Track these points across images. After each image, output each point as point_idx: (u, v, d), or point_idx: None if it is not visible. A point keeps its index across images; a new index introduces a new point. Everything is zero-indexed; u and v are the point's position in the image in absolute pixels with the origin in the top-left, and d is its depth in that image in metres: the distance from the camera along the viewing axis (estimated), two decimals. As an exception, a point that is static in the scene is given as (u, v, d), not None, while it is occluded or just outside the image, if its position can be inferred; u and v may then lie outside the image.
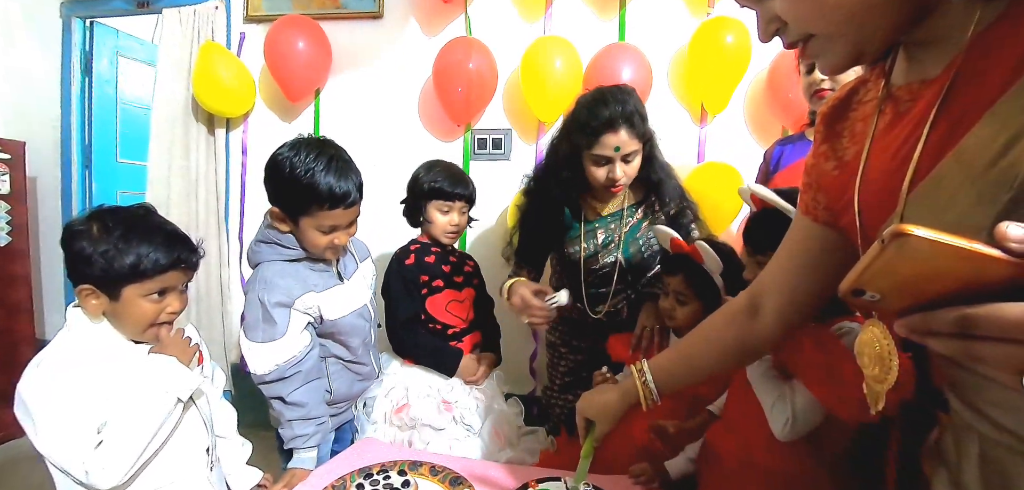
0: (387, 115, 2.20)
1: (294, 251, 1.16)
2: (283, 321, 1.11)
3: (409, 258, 1.40)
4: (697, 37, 1.88)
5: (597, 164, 1.26)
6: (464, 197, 1.41)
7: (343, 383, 1.27)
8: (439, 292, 1.40)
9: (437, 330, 1.40)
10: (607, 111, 1.22)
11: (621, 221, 1.39)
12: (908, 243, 0.32)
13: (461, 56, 1.92)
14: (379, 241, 2.10)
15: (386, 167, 2.14)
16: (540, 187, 1.41)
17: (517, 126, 2.11)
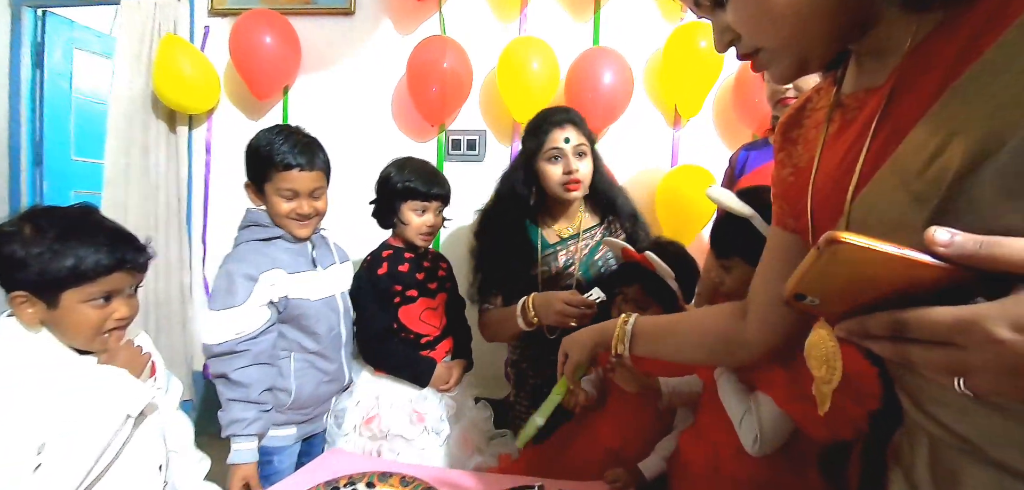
0: (359, 115, 2.14)
1: (270, 229, 1.20)
2: (244, 291, 1.13)
3: (381, 267, 1.34)
4: (672, 41, 1.89)
5: (551, 161, 1.31)
6: (440, 197, 1.37)
7: (308, 383, 1.22)
8: (413, 302, 1.36)
9: (410, 340, 1.36)
10: (553, 115, 1.33)
11: (579, 242, 1.41)
12: (841, 250, 0.34)
13: (435, 55, 1.89)
14: (351, 244, 2.05)
15: (358, 168, 2.08)
16: (498, 212, 1.41)
17: (492, 127, 2.09)
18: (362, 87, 2.14)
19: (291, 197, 1.19)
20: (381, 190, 1.38)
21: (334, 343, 1.26)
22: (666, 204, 1.90)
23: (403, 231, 1.37)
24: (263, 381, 1.14)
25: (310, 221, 1.23)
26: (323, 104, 2.16)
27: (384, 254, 1.37)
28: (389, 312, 1.33)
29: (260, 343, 1.14)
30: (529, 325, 1.29)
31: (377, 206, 1.40)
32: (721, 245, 0.94)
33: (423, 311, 1.37)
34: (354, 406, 1.29)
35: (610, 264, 1.42)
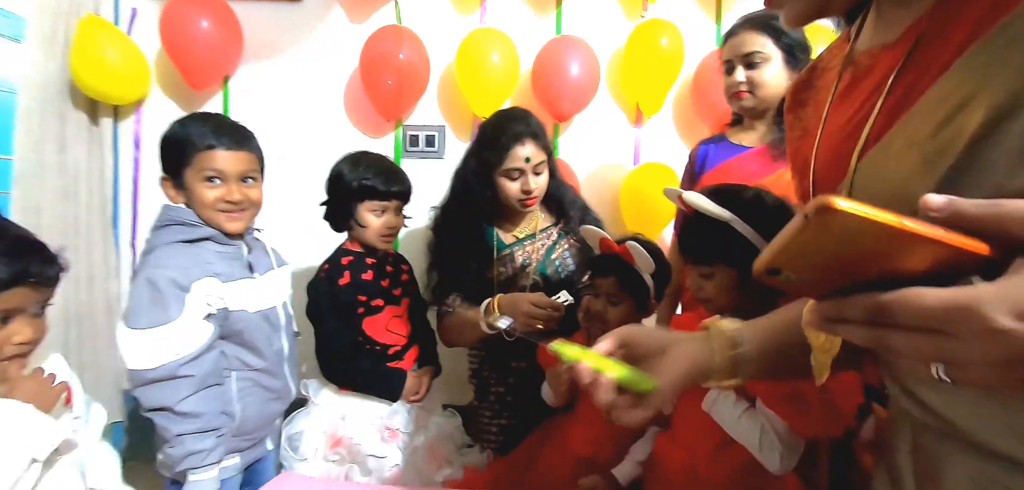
0: (308, 109, 2.01)
1: (195, 229, 1.04)
2: (177, 303, 0.96)
3: (343, 277, 1.24)
4: (633, 39, 1.88)
5: (510, 178, 1.29)
6: (400, 195, 1.28)
7: (254, 404, 1.09)
8: (379, 312, 1.27)
9: (376, 352, 1.27)
10: (513, 127, 1.28)
11: (535, 243, 1.38)
12: (834, 219, 0.29)
13: (390, 46, 1.79)
14: (301, 250, 1.92)
15: (307, 166, 1.95)
16: (454, 211, 1.37)
17: (451, 122, 2.01)
18: (312, 79, 2.00)
19: (218, 182, 1.04)
20: (334, 189, 1.28)
21: (277, 358, 1.13)
22: (630, 202, 1.89)
23: (360, 234, 1.27)
24: (215, 405, 1.00)
25: (242, 213, 1.08)
26: (268, 96, 2.01)
27: (344, 262, 1.26)
28: (353, 325, 1.23)
29: (204, 364, 0.99)
30: (493, 328, 1.24)
31: (330, 207, 1.30)
32: (700, 251, 0.91)
33: (389, 320, 1.28)
34: (316, 428, 1.19)
35: (567, 263, 1.40)
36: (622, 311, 1.13)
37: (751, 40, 1.24)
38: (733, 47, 1.27)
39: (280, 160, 1.97)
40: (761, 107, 1.28)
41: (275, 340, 1.12)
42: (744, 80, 1.26)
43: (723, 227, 0.86)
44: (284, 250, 1.97)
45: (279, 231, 1.94)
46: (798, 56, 1.26)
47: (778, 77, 1.25)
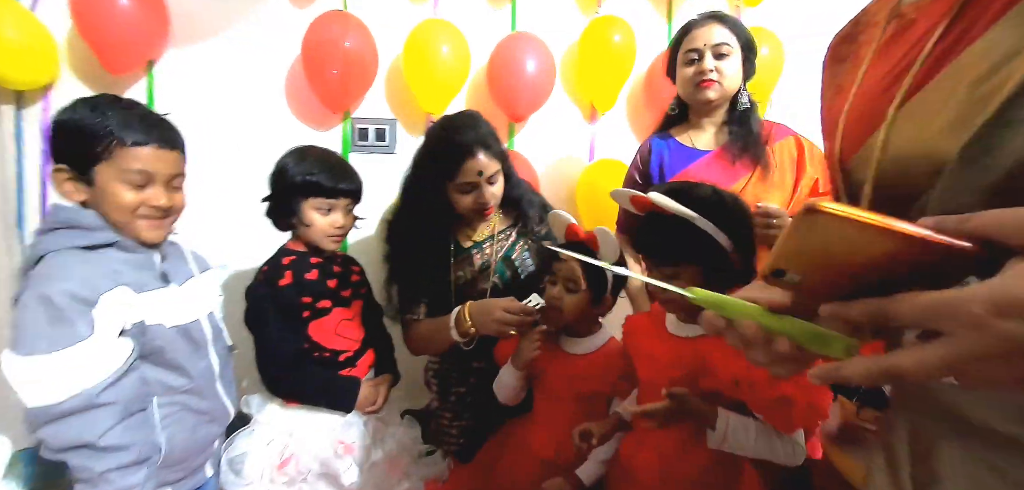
0: (247, 98, 1.86)
1: (96, 233, 0.88)
2: (83, 321, 0.81)
3: (284, 277, 1.14)
4: (587, 35, 1.87)
5: (463, 192, 1.23)
6: (349, 193, 1.20)
7: (181, 431, 0.95)
8: (326, 314, 1.18)
9: (326, 359, 1.18)
10: (461, 137, 1.20)
11: (494, 244, 1.35)
12: (821, 220, 0.31)
13: (335, 33, 1.69)
14: (241, 252, 1.79)
15: (248, 160, 1.82)
16: (407, 219, 1.31)
17: (402, 116, 1.93)
18: (249, 66, 1.85)
19: (142, 184, 0.90)
20: (277, 185, 1.18)
21: (207, 376, 1.01)
22: (586, 198, 1.89)
23: (305, 234, 1.19)
24: (144, 437, 0.88)
25: (166, 220, 0.96)
26: (200, 83, 1.84)
27: (285, 261, 1.17)
28: (298, 330, 1.15)
29: (126, 387, 0.85)
30: (465, 337, 1.20)
31: (271, 204, 1.20)
32: (664, 251, 0.90)
33: (339, 323, 1.20)
34: (261, 448, 1.10)
35: (527, 263, 1.37)
36: (578, 300, 1.11)
37: (719, 32, 1.26)
38: (701, 37, 1.26)
39: (217, 155, 1.82)
40: (721, 100, 1.29)
41: (201, 357, 0.99)
42: (713, 69, 1.25)
43: (685, 225, 0.86)
44: (223, 253, 1.83)
45: (216, 232, 1.81)
46: (750, 57, 1.30)
47: (737, 73, 1.27)
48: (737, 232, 0.89)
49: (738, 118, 1.30)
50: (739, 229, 0.89)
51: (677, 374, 0.88)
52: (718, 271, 0.88)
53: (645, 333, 1.00)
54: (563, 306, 1.11)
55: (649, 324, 1.03)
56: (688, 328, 0.94)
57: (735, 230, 0.88)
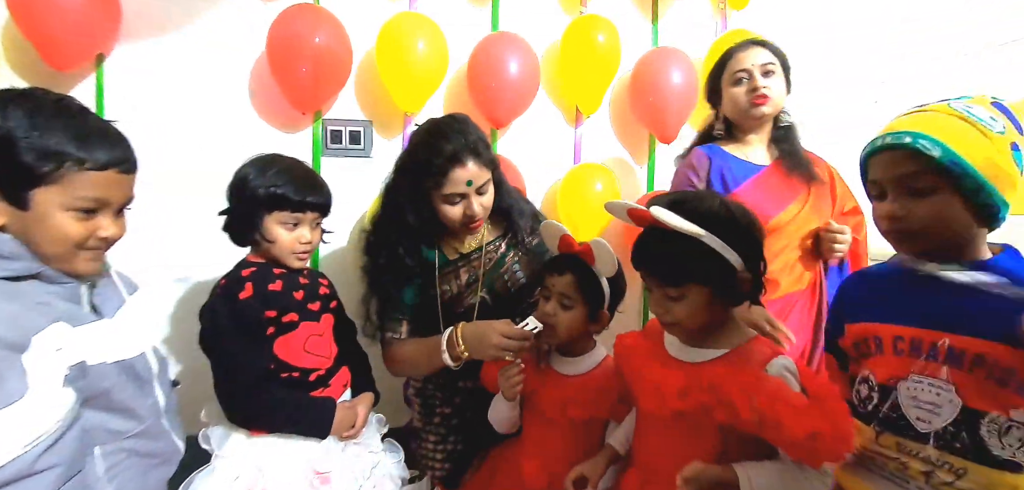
0: (207, 97, 1.72)
1: (14, 263, 0.72)
2: (13, 373, 0.66)
3: (244, 290, 1.04)
4: (569, 34, 1.81)
5: (450, 203, 1.15)
6: (317, 206, 1.11)
7: (132, 479, 0.83)
8: (293, 329, 1.07)
9: (295, 380, 1.08)
10: (450, 145, 1.11)
11: (482, 256, 1.26)
12: None
13: (304, 27, 1.57)
14: (201, 266, 1.67)
15: (209, 166, 1.69)
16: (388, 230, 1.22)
17: (377, 117, 1.83)
18: (210, 62, 1.71)
19: (91, 211, 0.76)
20: (237, 197, 1.08)
21: (154, 414, 0.88)
22: (570, 204, 1.82)
23: (268, 250, 1.09)
24: None
25: (104, 251, 0.82)
26: (156, 81, 1.70)
27: (246, 273, 1.07)
28: (262, 349, 1.04)
29: (68, 446, 0.72)
30: (457, 361, 1.11)
31: (231, 218, 1.09)
32: (670, 272, 0.83)
33: (308, 339, 1.10)
34: (226, 486, 0.98)
35: (517, 278, 1.30)
36: (574, 316, 1.05)
37: (763, 53, 1.34)
38: (748, 58, 1.34)
39: (175, 160, 1.68)
40: (772, 114, 1.36)
41: (147, 394, 0.86)
42: (765, 86, 1.31)
43: (691, 242, 0.79)
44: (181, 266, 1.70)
45: (174, 244, 1.68)
46: (787, 75, 1.37)
47: (783, 91, 1.35)
48: (747, 249, 0.82)
49: (782, 134, 1.38)
50: (750, 246, 0.83)
51: (685, 407, 0.79)
52: (727, 291, 0.81)
53: (643, 355, 0.92)
54: (558, 323, 1.04)
55: (646, 345, 0.95)
56: (694, 351, 0.87)
57: (745, 247, 0.82)
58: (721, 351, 0.85)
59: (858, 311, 0.90)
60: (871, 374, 0.86)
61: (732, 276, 0.81)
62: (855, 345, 0.90)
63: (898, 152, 0.77)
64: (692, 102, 1.84)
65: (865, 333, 0.87)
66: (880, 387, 0.84)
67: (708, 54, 1.92)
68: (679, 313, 0.83)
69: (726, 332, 0.86)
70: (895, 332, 0.83)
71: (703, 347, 0.86)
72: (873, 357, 0.86)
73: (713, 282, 0.81)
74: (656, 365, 0.86)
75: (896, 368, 0.82)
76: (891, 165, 0.79)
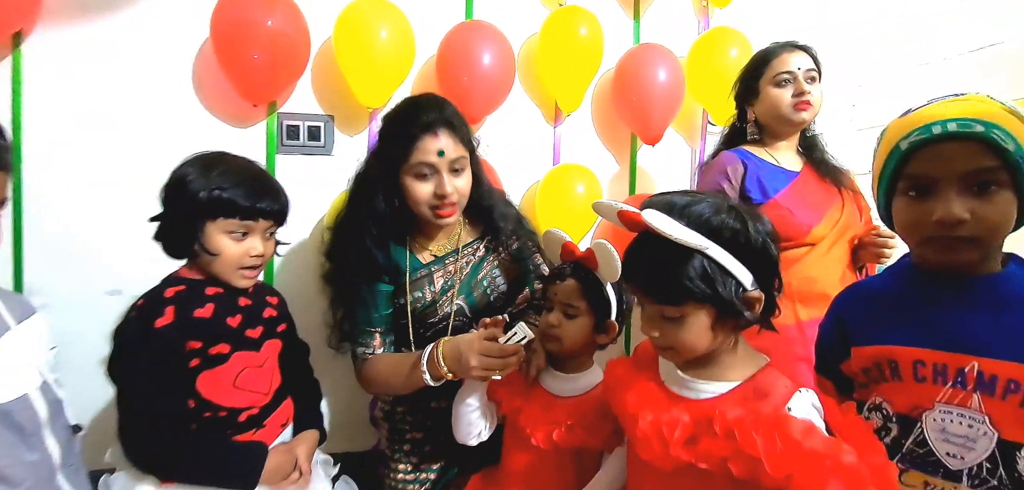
0: (143, 86, 1.53)
1: None
2: None
3: (163, 315, 0.88)
4: (549, 26, 1.70)
5: (420, 177, 1.04)
6: (271, 213, 0.95)
7: None
8: (222, 362, 0.92)
9: (220, 419, 0.92)
10: (423, 115, 1.04)
11: (458, 259, 1.15)
12: None
13: (256, 10, 1.40)
14: (137, 279, 1.47)
15: (144, 163, 1.50)
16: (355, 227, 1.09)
17: (340, 112, 1.67)
18: (146, 44, 1.53)
19: None
20: (174, 201, 0.91)
21: (42, 472, 0.71)
22: (549, 207, 1.70)
23: (209, 264, 0.92)
24: None
25: None
26: (83, 66, 1.50)
27: (169, 294, 0.90)
28: (180, 384, 0.88)
29: None
30: (439, 381, 0.98)
31: (165, 227, 0.93)
32: (666, 290, 0.70)
33: (240, 373, 0.94)
34: None
35: (497, 284, 1.18)
36: (579, 326, 0.95)
37: (807, 59, 1.30)
38: (793, 61, 1.30)
39: (106, 156, 1.49)
40: (807, 123, 1.33)
41: (31, 448, 0.69)
42: (809, 91, 1.28)
43: (694, 255, 0.67)
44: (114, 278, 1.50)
45: (105, 253, 1.48)
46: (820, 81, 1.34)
47: (821, 97, 1.32)
48: (759, 263, 0.70)
49: (811, 142, 1.36)
50: (762, 259, 0.70)
51: (694, 458, 0.66)
52: (734, 313, 0.69)
53: (636, 390, 0.77)
54: (562, 335, 0.94)
55: (638, 375, 0.81)
56: (699, 384, 0.73)
57: (757, 260, 0.70)
58: (731, 383, 0.72)
59: (867, 331, 0.80)
60: (887, 403, 0.76)
61: (740, 295, 0.69)
62: (865, 371, 0.80)
63: (967, 143, 0.67)
64: (678, 102, 1.75)
65: (877, 357, 0.77)
66: (900, 418, 0.75)
67: (690, 52, 1.84)
68: (675, 337, 0.71)
69: (736, 358, 0.74)
70: (914, 355, 0.73)
71: (709, 378, 0.73)
72: (888, 383, 0.76)
73: (717, 302, 0.68)
74: (655, 403, 0.73)
75: (919, 396, 0.73)
76: (957, 158, 0.67)
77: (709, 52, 1.79)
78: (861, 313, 0.83)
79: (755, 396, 0.69)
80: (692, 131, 1.97)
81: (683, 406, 0.71)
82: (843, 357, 0.84)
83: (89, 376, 1.44)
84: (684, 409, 0.70)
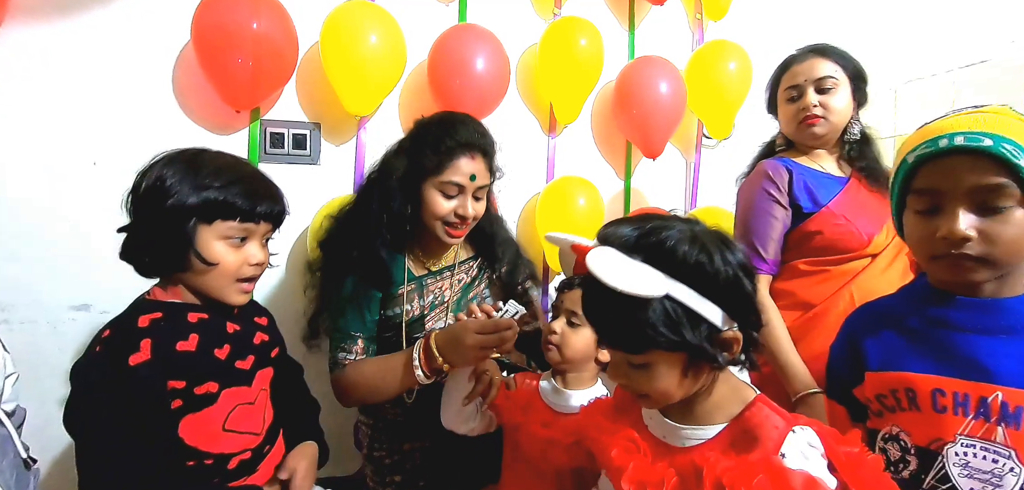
0: (122, 90, 1.44)
1: None
2: None
3: (139, 351, 0.75)
4: (548, 37, 1.66)
5: (445, 195, 1.04)
6: (271, 215, 0.85)
7: None
8: (211, 403, 0.80)
9: (206, 468, 0.80)
10: (464, 132, 1.05)
11: (453, 276, 1.14)
12: None
13: (242, 13, 1.34)
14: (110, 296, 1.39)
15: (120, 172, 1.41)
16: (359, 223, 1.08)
17: (327, 120, 1.60)
18: (125, 49, 1.44)
19: None
20: (152, 209, 0.78)
21: None
22: (545, 222, 1.66)
23: (198, 283, 0.81)
24: None
25: None
26: (58, 69, 1.40)
27: (143, 322, 0.78)
28: (161, 433, 0.76)
29: None
30: (432, 376, 0.95)
31: (138, 240, 0.81)
32: (627, 338, 0.62)
33: (231, 413, 0.82)
34: None
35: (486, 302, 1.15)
36: (581, 338, 0.92)
37: (821, 65, 1.20)
38: (802, 72, 1.21)
39: (79, 165, 1.40)
40: (830, 135, 1.22)
41: None
42: (818, 104, 1.18)
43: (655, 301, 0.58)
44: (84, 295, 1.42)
45: (76, 269, 1.39)
46: (860, 86, 1.22)
47: (847, 106, 1.21)
48: (732, 298, 0.61)
49: (855, 150, 1.23)
50: (734, 293, 0.61)
51: None
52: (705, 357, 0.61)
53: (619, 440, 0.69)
54: (561, 344, 0.91)
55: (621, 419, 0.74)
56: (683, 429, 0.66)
57: (729, 296, 0.61)
58: (717, 426, 0.65)
59: (881, 355, 0.76)
60: (904, 434, 0.72)
61: (713, 337, 0.61)
62: (879, 397, 0.76)
63: (975, 158, 0.64)
64: (680, 115, 1.73)
65: (893, 384, 0.73)
66: (919, 451, 0.71)
67: (689, 64, 1.82)
68: (646, 385, 0.64)
69: (718, 398, 0.67)
70: (934, 384, 0.69)
71: (693, 423, 0.66)
72: (906, 413, 0.72)
73: (685, 348, 0.60)
74: (638, 454, 0.67)
75: (939, 428, 0.69)
76: (965, 172, 0.64)
77: (707, 64, 1.77)
78: (875, 335, 0.78)
79: (743, 440, 0.62)
80: (688, 144, 1.95)
81: (668, 458, 0.65)
82: (856, 382, 0.79)
83: (50, 401, 1.36)
84: (669, 461, 0.65)
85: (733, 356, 0.63)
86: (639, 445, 0.68)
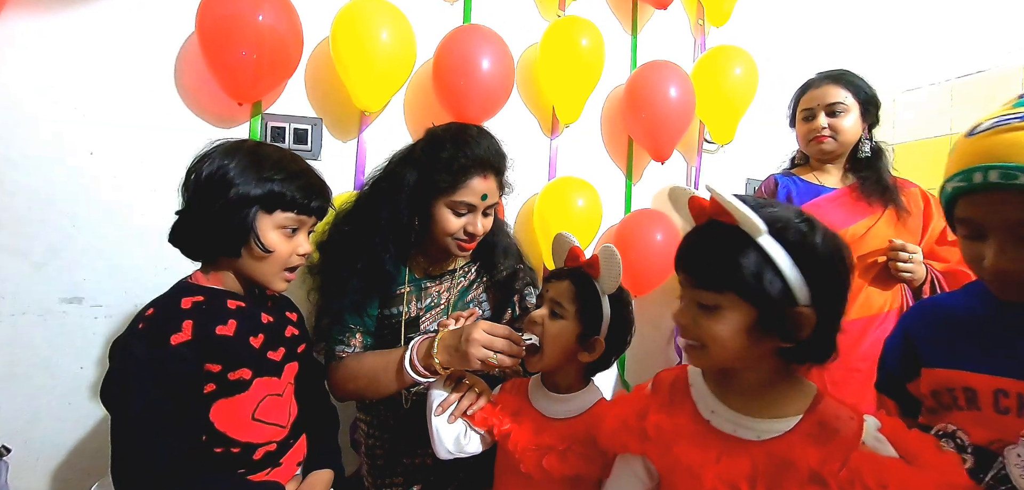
0: (122, 82, 1.42)
1: None
2: None
3: (181, 331, 0.76)
4: (550, 35, 1.66)
5: (455, 213, 1.03)
6: (321, 210, 0.89)
7: None
8: (243, 390, 0.81)
9: (233, 456, 0.80)
10: (479, 150, 1.02)
11: (453, 280, 1.13)
12: None
13: (248, 5, 1.33)
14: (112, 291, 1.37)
15: (121, 163, 1.40)
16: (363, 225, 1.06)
17: (330, 115, 1.59)
18: (127, 40, 1.43)
19: None
20: (214, 195, 0.80)
21: None
22: (545, 221, 1.65)
23: (250, 268, 0.83)
24: None
25: None
26: (58, 60, 1.39)
27: (186, 304, 0.79)
28: (193, 414, 0.77)
29: None
30: (427, 376, 0.93)
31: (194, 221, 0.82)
32: (707, 269, 0.64)
33: (261, 402, 0.83)
34: None
35: (483, 307, 1.16)
36: (562, 329, 0.88)
37: (834, 92, 1.34)
38: (816, 97, 1.36)
39: (79, 157, 1.38)
40: (839, 151, 1.36)
41: None
42: (827, 126, 1.34)
43: (745, 245, 0.61)
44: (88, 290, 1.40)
45: (77, 263, 1.36)
46: (871, 111, 1.36)
47: (855, 126, 1.34)
48: (821, 280, 0.61)
49: (864, 164, 1.36)
50: (826, 278, 0.62)
51: None
52: (776, 323, 0.61)
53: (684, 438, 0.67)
54: (544, 332, 0.89)
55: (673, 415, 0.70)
56: (753, 422, 0.65)
57: (819, 277, 0.61)
58: (792, 418, 0.64)
59: (939, 352, 0.75)
60: (962, 432, 0.71)
61: (791, 307, 0.61)
62: (935, 394, 0.75)
63: (1008, 194, 0.62)
64: (688, 120, 1.74)
65: (951, 382, 0.72)
66: (977, 450, 0.69)
67: (694, 70, 1.83)
68: (707, 330, 0.64)
69: (790, 388, 0.66)
70: (996, 385, 0.68)
71: (765, 415, 0.65)
72: (963, 412, 0.71)
73: (760, 301, 0.61)
74: (710, 448, 0.65)
75: (1001, 429, 0.67)
76: (999, 208, 0.63)
77: (714, 69, 1.78)
78: (933, 332, 0.78)
79: (822, 432, 0.61)
80: (690, 148, 1.96)
81: (743, 450, 0.64)
82: (911, 376, 0.79)
83: (40, 395, 1.33)
84: (745, 454, 0.63)
85: (801, 337, 0.62)
86: (705, 438, 0.66)
